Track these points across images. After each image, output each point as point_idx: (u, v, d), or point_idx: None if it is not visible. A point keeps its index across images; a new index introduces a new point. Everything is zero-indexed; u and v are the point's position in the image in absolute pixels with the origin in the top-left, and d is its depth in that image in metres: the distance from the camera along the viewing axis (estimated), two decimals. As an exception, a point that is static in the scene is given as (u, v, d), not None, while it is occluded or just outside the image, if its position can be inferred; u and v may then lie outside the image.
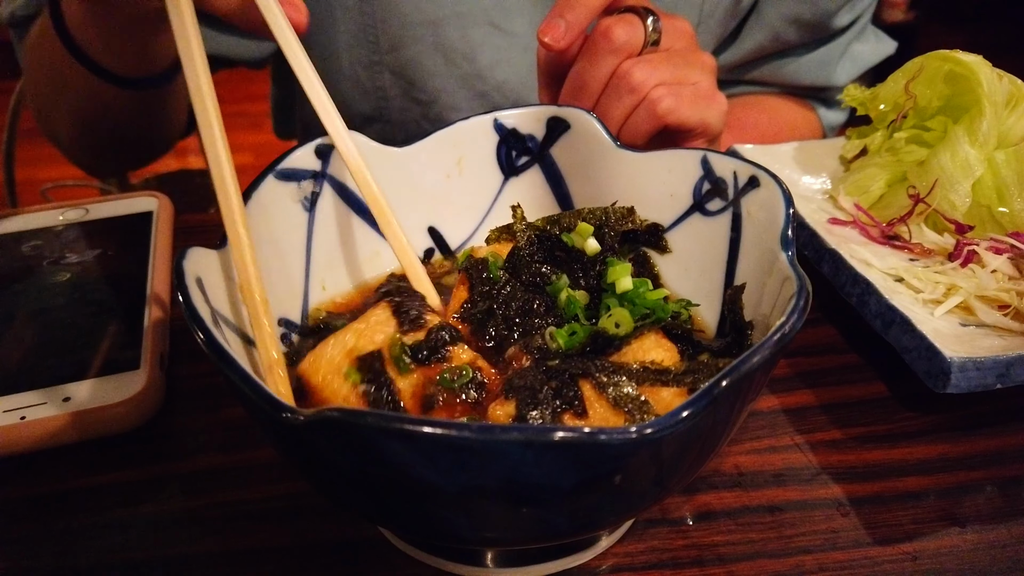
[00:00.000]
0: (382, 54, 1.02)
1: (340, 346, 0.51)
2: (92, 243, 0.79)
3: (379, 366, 0.49)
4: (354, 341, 0.51)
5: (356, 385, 0.49)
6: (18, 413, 0.58)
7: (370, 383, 0.49)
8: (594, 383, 0.47)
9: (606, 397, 0.46)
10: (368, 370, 0.49)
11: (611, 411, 0.46)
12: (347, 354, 0.50)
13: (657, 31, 0.73)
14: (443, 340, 0.51)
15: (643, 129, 0.74)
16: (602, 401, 0.47)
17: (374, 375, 0.49)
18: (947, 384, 0.58)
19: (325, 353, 0.51)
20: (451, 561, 0.51)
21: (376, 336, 0.51)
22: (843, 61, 1.15)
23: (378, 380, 0.49)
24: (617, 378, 0.47)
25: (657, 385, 0.48)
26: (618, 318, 0.52)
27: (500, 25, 1.01)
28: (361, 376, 0.49)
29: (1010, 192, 0.77)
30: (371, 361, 0.49)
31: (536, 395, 0.46)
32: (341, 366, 0.50)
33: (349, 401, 0.48)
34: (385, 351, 0.50)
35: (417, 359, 0.50)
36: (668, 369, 0.48)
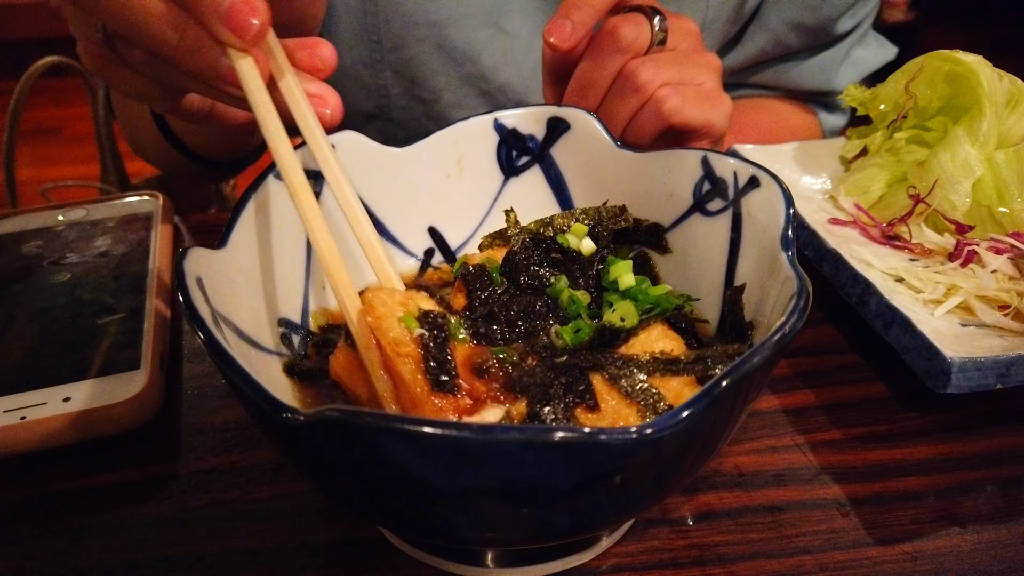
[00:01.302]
0: (384, 53, 1.02)
1: (392, 298, 0.50)
2: (92, 243, 0.79)
3: (439, 321, 0.48)
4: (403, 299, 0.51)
5: (411, 328, 0.48)
6: (18, 413, 0.58)
7: (427, 331, 0.48)
8: (606, 376, 0.47)
9: (618, 389, 0.47)
10: (427, 321, 0.48)
11: (624, 403, 0.46)
12: (402, 304, 0.50)
13: (663, 30, 0.73)
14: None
15: (648, 129, 0.74)
16: (613, 394, 0.47)
17: (433, 326, 0.48)
18: (947, 384, 0.58)
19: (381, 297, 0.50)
20: (451, 561, 0.51)
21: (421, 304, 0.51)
22: (844, 66, 1.15)
23: (436, 331, 0.48)
24: (628, 369, 0.47)
25: (668, 375, 0.48)
26: (623, 312, 0.52)
27: (503, 27, 1.01)
28: (419, 323, 0.48)
29: (1010, 192, 0.77)
30: (433, 317, 0.49)
31: (547, 391, 0.46)
32: (396, 310, 0.49)
33: (400, 340, 0.47)
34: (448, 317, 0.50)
35: (473, 335, 0.50)
36: (678, 358, 0.49)
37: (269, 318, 0.56)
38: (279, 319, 0.57)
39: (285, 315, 0.57)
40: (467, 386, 0.47)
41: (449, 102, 1.07)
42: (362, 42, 1.02)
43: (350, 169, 0.60)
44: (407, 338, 0.47)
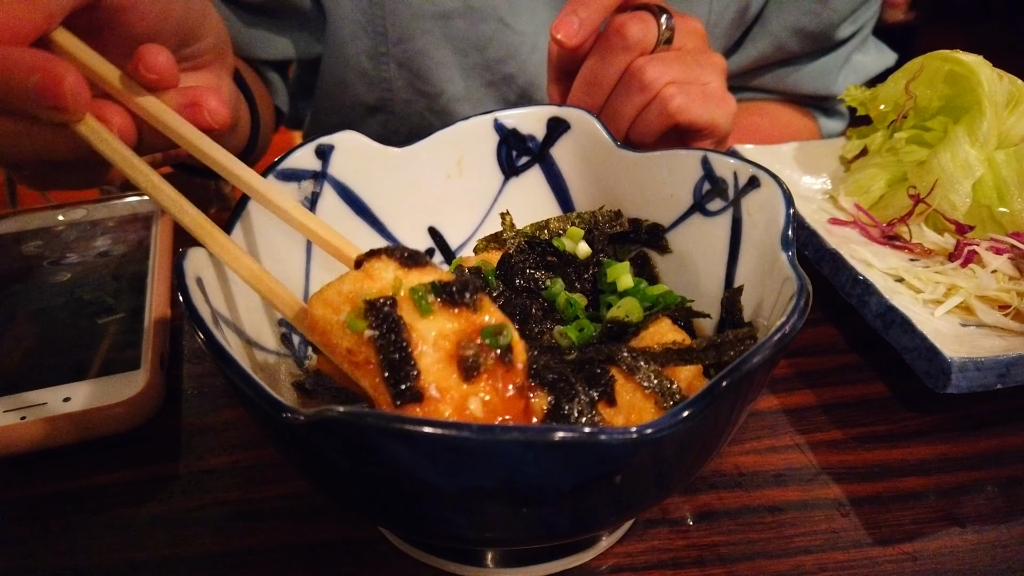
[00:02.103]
0: (389, 45, 1.03)
1: (338, 294, 0.43)
2: (92, 243, 0.79)
3: (388, 309, 0.41)
4: (352, 286, 0.43)
5: (359, 334, 0.41)
6: (18, 413, 0.58)
7: (377, 328, 0.40)
8: (623, 368, 0.47)
9: (635, 382, 0.46)
10: (375, 315, 0.41)
11: (640, 396, 0.46)
12: (348, 299, 0.42)
13: (670, 29, 0.74)
14: (474, 284, 0.43)
15: (653, 127, 0.74)
16: (629, 387, 0.46)
17: (383, 320, 0.40)
18: (947, 384, 0.58)
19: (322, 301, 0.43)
20: (451, 561, 0.51)
21: (379, 280, 0.43)
22: (844, 71, 1.16)
23: (388, 325, 0.40)
24: (644, 360, 0.47)
25: (681, 364, 0.48)
26: (627, 308, 0.52)
27: (509, 22, 1.01)
28: (367, 322, 0.41)
29: (1010, 192, 0.77)
30: (379, 306, 0.41)
31: (572, 385, 0.45)
32: (341, 314, 0.42)
33: (353, 355, 0.41)
34: (399, 293, 0.42)
35: (443, 296, 0.42)
36: (691, 347, 0.48)
37: (269, 318, 0.56)
38: (279, 319, 0.57)
39: (285, 315, 0.57)
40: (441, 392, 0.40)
41: (453, 96, 1.07)
42: (366, 34, 1.02)
43: (350, 169, 0.60)
44: (358, 344, 0.41)
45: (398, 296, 0.42)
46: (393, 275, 0.43)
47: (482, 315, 0.42)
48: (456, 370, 0.41)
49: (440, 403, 0.40)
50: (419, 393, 0.39)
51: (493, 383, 0.41)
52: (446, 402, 0.40)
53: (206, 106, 0.53)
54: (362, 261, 0.44)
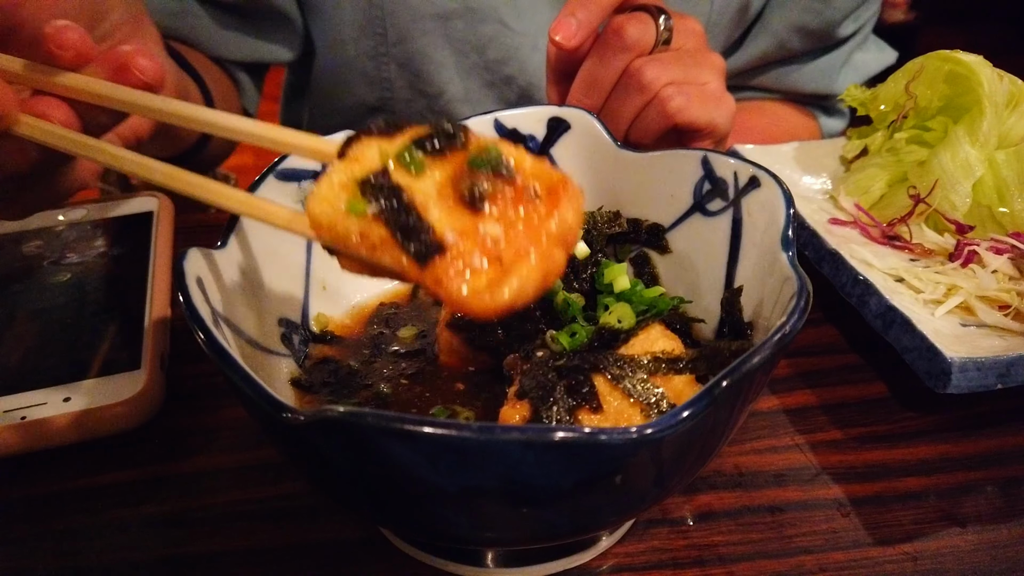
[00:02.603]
0: (389, 46, 1.02)
1: (330, 188, 0.41)
2: (92, 243, 0.79)
3: (383, 180, 0.40)
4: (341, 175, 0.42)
5: (363, 215, 0.40)
6: (18, 413, 0.58)
7: (379, 202, 0.39)
8: (608, 376, 0.47)
9: (621, 390, 0.46)
10: (372, 191, 0.40)
11: (627, 403, 0.46)
12: (342, 187, 0.41)
13: (668, 30, 0.73)
14: (451, 128, 0.42)
15: (652, 128, 0.74)
16: (615, 395, 0.47)
17: (381, 192, 0.40)
18: (947, 384, 0.58)
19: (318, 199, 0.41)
20: (451, 561, 0.51)
21: (366, 160, 0.42)
22: (845, 70, 1.16)
23: (388, 195, 0.39)
24: (630, 369, 0.47)
25: (670, 374, 0.48)
26: (620, 313, 0.52)
27: (509, 23, 1.01)
28: (366, 201, 0.40)
29: (1011, 192, 0.77)
30: (373, 181, 0.40)
31: (551, 394, 0.46)
32: (340, 204, 0.41)
33: (365, 239, 0.40)
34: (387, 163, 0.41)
35: (428, 151, 0.41)
36: (680, 356, 0.49)
37: (269, 318, 0.56)
38: (279, 319, 0.57)
39: (285, 315, 0.57)
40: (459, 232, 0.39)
41: (453, 96, 1.07)
42: (366, 34, 1.02)
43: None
44: (366, 225, 0.40)
45: (388, 167, 0.41)
46: (377, 150, 0.42)
47: (472, 147, 0.42)
48: (464, 208, 0.40)
49: (461, 243, 0.39)
50: (438, 244, 0.38)
51: (505, 201, 0.40)
52: (467, 240, 0.39)
53: (133, 65, 0.50)
54: (345, 151, 0.43)
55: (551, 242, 0.40)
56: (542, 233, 0.40)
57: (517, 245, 0.39)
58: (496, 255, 0.39)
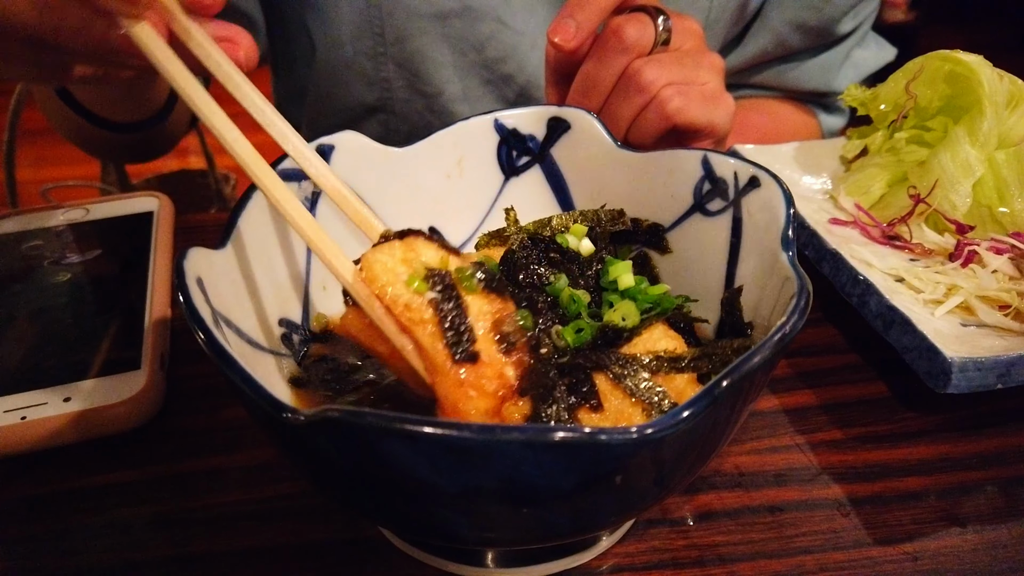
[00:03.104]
0: (387, 45, 1.02)
1: (392, 257, 0.47)
2: (92, 243, 0.79)
3: (448, 279, 0.46)
4: (403, 254, 0.47)
5: (421, 294, 0.45)
6: (18, 413, 0.58)
7: (439, 293, 0.45)
8: (610, 375, 0.47)
9: (622, 389, 0.47)
10: (436, 281, 0.46)
11: (628, 403, 0.46)
12: (404, 262, 0.47)
13: (667, 30, 0.73)
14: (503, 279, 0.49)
15: (652, 129, 0.74)
16: (617, 394, 0.47)
17: (443, 287, 0.45)
18: (948, 384, 0.58)
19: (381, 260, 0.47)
20: (451, 561, 0.51)
21: (424, 256, 0.48)
22: (844, 67, 1.16)
23: (447, 292, 0.45)
24: (632, 368, 0.47)
25: (672, 373, 0.48)
26: (624, 311, 0.52)
27: (507, 22, 1.01)
28: (428, 285, 0.45)
29: (1011, 192, 0.77)
30: (441, 276, 0.46)
31: (551, 392, 0.46)
32: (400, 273, 0.46)
33: (412, 307, 0.45)
34: (450, 269, 0.47)
35: (485, 282, 0.47)
36: (682, 355, 0.49)
37: (269, 318, 0.56)
38: (279, 319, 0.57)
39: (285, 315, 0.57)
40: (489, 359, 0.45)
41: (452, 95, 1.07)
42: (365, 34, 1.02)
43: (350, 169, 0.60)
44: (419, 302, 0.45)
45: (451, 272, 0.46)
46: (437, 254, 0.48)
47: (508, 305, 0.48)
48: (495, 343, 0.45)
49: (487, 367, 0.44)
50: (476, 355, 0.44)
51: (519, 359, 0.46)
52: (492, 366, 0.45)
53: (242, 44, 0.53)
54: (394, 236, 0.49)
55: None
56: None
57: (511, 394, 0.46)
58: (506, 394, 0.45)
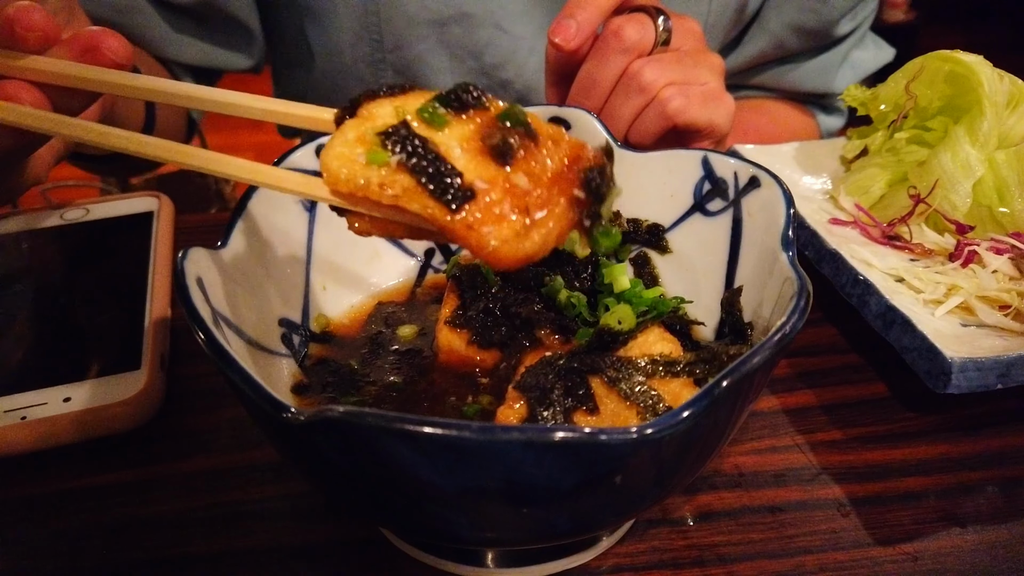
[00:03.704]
0: (385, 52, 1.02)
1: (344, 143, 0.42)
2: (92, 243, 0.79)
3: (404, 131, 0.41)
4: (355, 132, 0.42)
5: (384, 164, 0.40)
6: (18, 413, 0.58)
7: (401, 152, 0.40)
8: (605, 379, 0.47)
9: (617, 392, 0.47)
10: (393, 141, 0.40)
11: (623, 406, 0.46)
12: (358, 141, 0.41)
13: (667, 30, 0.73)
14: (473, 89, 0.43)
15: (652, 129, 0.74)
16: (612, 397, 0.47)
17: (402, 142, 0.40)
18: (948, 384, 0.58)
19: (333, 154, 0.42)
20: (451, 561, 0.51)
21: (379, 117, 0.42)
22: (843, 68, 1.16)
23: (409, 143, 0.40)
24: (627, 372, 0.47)
25: (667, 376, 0.48)
26: (620, 315, 0.52)
27: (505, 27, 1.01)
28: (387, 151, 0.40)
29: (1011, 192, 0.77)
30: (395, 132, 0.41)
31: (547, 394, 0.46)
32: (357, 156, 0.41)
33: (387, 187, 0.40)
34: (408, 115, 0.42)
35: (450, 106, 0.42)
36: (677, 360, 0.49)
37: (269, 318, 0.56)
38: (279, 319, 0.57)
39: (285, 315, 0.57)
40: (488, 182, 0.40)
41: None
42: (363, 41, 1.02)
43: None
44: (389, 175, 0.40)
45: (408, 120, 0.42)
46: (391, 107, 0.43)
47: (493, 108, 0.43)
48: (491, 159, 0.41)
49: (491, 191, 0.40)
50: (469, 190, 0.40)
51: (529, 159, 0.41)
52: (496, 189, 0.40)
53: (104, 46, 0.49)
54: (345, 114, 0.44)
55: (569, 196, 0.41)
56: (562, 185, 0.41)
57: (541, 197, 0.40)
58: (524, 206, 0.40)
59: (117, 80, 0.49)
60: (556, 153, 0.42)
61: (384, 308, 0.63)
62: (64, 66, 0.49)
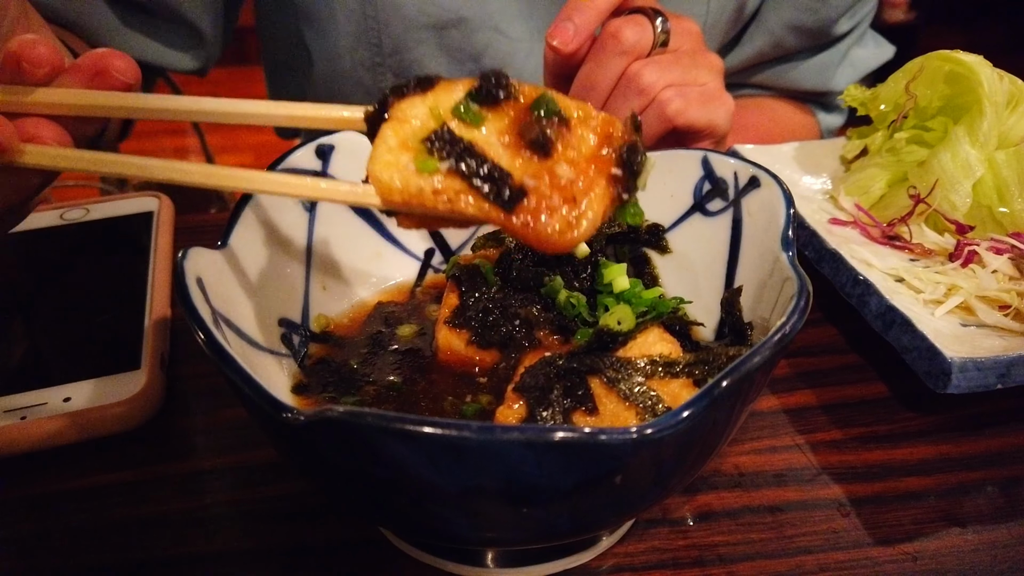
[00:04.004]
0: (385, 56, 1.02)
1: (388, 150, 0.43)
2: (92, 243, 0.79)
3: (447, 134, 0.42)
4: (396, 137, 0.43)
5: (435, 172, 0.42)
6: (18, 413, 0.58)
7: (450, 157, 0.42)
8: (604, 379, 0.47)
9: (616, 393, 0.47)
10: (440, 146, 0.42)
11: (622, 407, 0.46)
12: (402, 148, 0.43)
13: (666, 32, 0.73)
14: (500, 77, 0.44)
15: (651, 131, 0.74)
16: (611, 397, 0.47)
17: (450, 147, 0.42)
18: (947, 384, 0.58)
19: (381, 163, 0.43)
20: (451, 561, 0.51)
21: (416, 119, 0.44)
22: (843, 66, 1.16)
23: (456, 148, 0.42)
24: (626, 372, 0.47)
25: (667, 378, 0.48)
26: (620, 315, 0.52)
27: (504, 30, 1.01)
28: (436, 157, 0.42)
29: (1011, 192, 0.77)
30: (439, 137, 0.42)
31: (547, 395, 0.46)
32: (406, 164, 0.42)
33: (442, 193, 0.41)
34: (443, 117, 0.43)
35: (483, 101, 0.44)
36: (676, 360, 0.49)
37: (269, 318, 0.56)
38: (279, 319, 0.57)
39: (285, 315, 0.57)
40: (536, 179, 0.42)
41: None
42: (362, 45, 1.02)
43: (350, 169, 0.60)
44: (440, 181, 0.42)
45: (448, 123, 0.43)
46: (423, 107, 0.44)
47: (524, 97, 0.44)
48: (532, 153, 0.43)
49: (539, 187, 0.42)
50: (522, 190, 0.41)
51: (567, 146, 0.43)
52: (544, 184, 0.42)
53: (113, 68, 0.48)
54: (377, 114, 0.45)
55: (607, 175, 0.43)
56: (600, 166, 0.43)
57: (584, 183, 0.42)
58: (571, 195, 0.42)
59: (131, 104, 0.48)
60: (589, 134, 0.44)
61: (384, 308, 0.63)
62: (76, 95, 0.48)
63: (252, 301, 0.53)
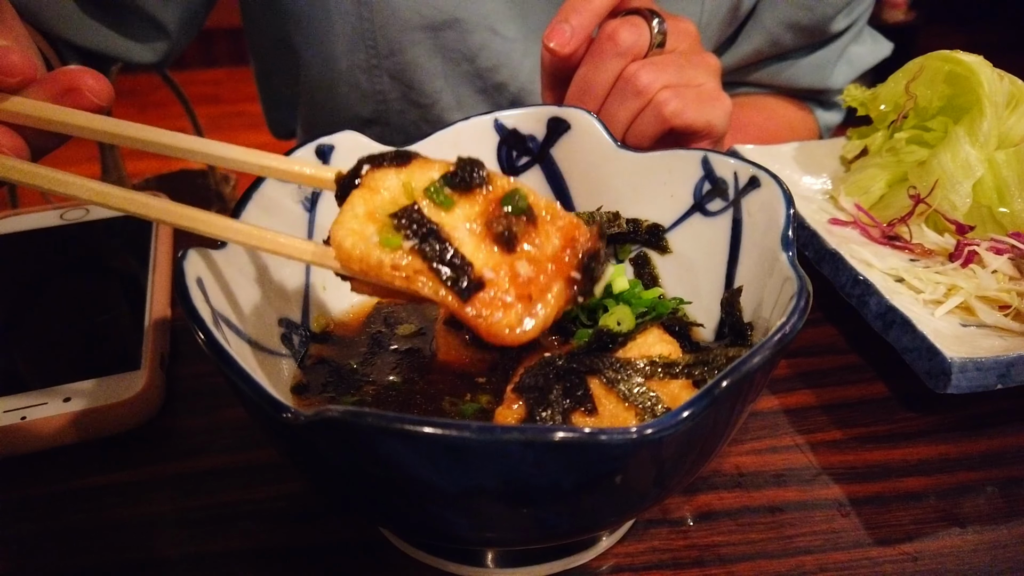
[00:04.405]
0: (380, 58, 1.02)
1: (355, 218, 0.43)
2: (92, 243, 0.79)
3: (416, 213, 0.42)
4: (365, 206, 0.44)
5: (398, 249, 0.42)
6: (18, 413, 0.58)
7: (415, 237, 0.42)
8: (603, 380, 0.47)
9: (616, 393, 0.47)
10: (406, 224, 0.42)
11: (621, 407, 0.46)
12: (368, 218, 0.43)
13: (662, 32, 0.73)
14: (476, 166, 0.45)
15: (649, 132, 0.74)
16: (611, 398, 0.47)
17: (416, 226, 0.42)
18: (947, 384, 0.58)
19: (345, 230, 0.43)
20: (451, 561, 0.51)
21: (387, 190, 0.44)
22: (840, 64, 1.15)
23: (422, 229, 0.42)
24: (625, 373, 0.47)
25: (666, 378, 0.48)
26: (619, 315, 0.52)
27: (499, 30, 1.01)
28: (402, 235, 0.42)
29: (1011, 192, 0.77)
30: (406, 215, 0.42)
31: (546, 395, 0.46)
32: (369, 236, 0.42)
33: (401, 270, 0.42)
34: (414, 195, 0.43)
35: (456, 186, 0.44)
36: (676, 361, 0.49)
37: (269, 318, 0.56)
38: (279, 319, 0.57)
39: (285, 315, 0.57)
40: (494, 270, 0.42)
41: (447, 105, 1.06)
42: (358, 47, 1.02)
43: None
44: (401, 258, 0.42)
45: (419, 202, 0.43)
46: (396, 180, 0.44)
47: (495, 188, 0.45)
48: (496, 245, 0.43)
49: (497, 280, 0.42)
50: (480, 281, 0.42)
51: (531, 243, 0.44)
52: (501, 277, 0.43)
53: (84, 86, 0.47)
54: (347, 179, 0.45)
55: (566, 277, 0.44)
56: (560, 267, 0.44)
57: (542, 282, 0.43)
58: (527, 293, 0.43)
59: (97, 126, 0.47)
60: (555, 235, 0.45)
61: (384, 308, 0.63)
62: (43, 109, 0.47)
63: (252, 301, 0.53)
